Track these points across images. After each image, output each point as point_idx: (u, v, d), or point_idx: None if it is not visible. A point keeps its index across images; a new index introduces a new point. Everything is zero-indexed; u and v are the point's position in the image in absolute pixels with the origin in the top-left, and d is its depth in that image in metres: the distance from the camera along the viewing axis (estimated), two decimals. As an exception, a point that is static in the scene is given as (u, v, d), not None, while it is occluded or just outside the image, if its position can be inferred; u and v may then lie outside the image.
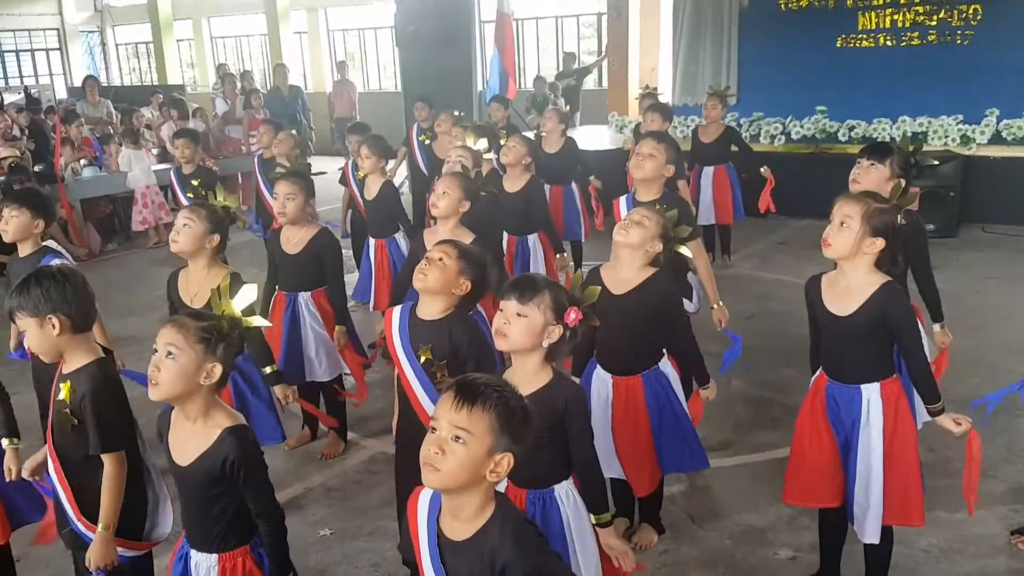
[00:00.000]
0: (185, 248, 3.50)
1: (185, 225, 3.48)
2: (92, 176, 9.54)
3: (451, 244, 2.96)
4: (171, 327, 2.25)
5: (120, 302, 7.38)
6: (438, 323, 2.90)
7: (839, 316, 2.86)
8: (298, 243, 4.22)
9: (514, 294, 2.41)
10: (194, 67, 20.76)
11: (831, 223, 2.86)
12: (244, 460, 2.24)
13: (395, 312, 3.02)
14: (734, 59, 10.42)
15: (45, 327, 2.54)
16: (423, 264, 2.88)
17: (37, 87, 17.90)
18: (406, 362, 2.92)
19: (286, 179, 4.21)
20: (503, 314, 2.42)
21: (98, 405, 2.53)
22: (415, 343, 2.92)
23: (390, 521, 3.80)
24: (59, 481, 2.65)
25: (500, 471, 1.79)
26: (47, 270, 2.71)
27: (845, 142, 9.35)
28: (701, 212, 7.19)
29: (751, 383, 5.02)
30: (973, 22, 9.07)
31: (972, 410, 3.26)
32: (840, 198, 2.90)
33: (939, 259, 7.52)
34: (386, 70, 17.71)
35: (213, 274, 3.43)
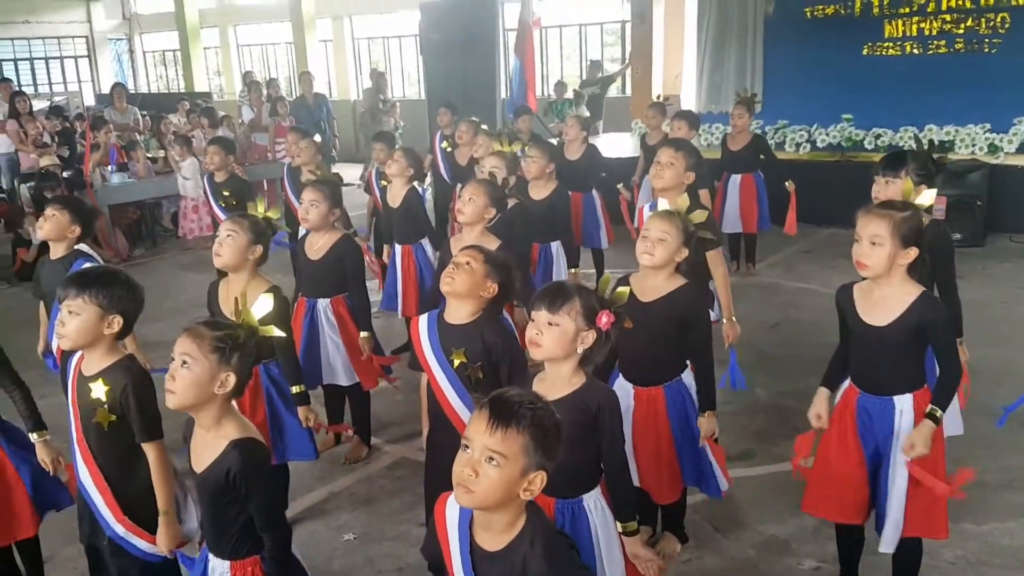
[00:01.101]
0: (228, 261, 3.49)
1: (228, 237, 3.47)
2: (120, 182, 9.66)
3: (476, 248, 2.99)
4: (186, 336, 2.28)
5: (147, 307, 7.40)
6: (468, 326, 2.92)
7: (875, 326, 2.83)
8: (320, 249, 4.26)
9: (544, 303, 2.41)
10: (220, 75, 20.98)
11: (859, 241, 2.82)
12: (246, 473, 2.23)
13: (422, 320, 3.03)
14: (759, 66, 10.39)
15: (103, 322, 2.65)
16: (450, 269, 2.91)
17: (65, 94, 18.21)
18: (437, 367, 2.93)
19: (311, 186, 4.26)
20: (535, 324, 2.43)
21: (140, 395, 2.64)
22: (446, 348, 2.93)
23: (413, 526, 3.82)
24: (96, 484, 2.69)
25: (534, 489, 1.80)
26: (120, 273, 2.79)
27: (871, 150, 9.29)
28: (727, 221, 7.18)
29: (774, 392, 5.00)
30: (1001, 30, 8.99)
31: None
32: (863, 215, 2.87)
33: (965, 269, 7.49)
34: (410, 77, 17.80)
35: (254, 286, 3.40)
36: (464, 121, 7.51)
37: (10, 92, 10.92)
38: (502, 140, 6.05)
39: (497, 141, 6.06)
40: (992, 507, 3.70)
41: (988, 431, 4.07)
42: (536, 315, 2.43)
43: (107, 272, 2.79)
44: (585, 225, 6.75)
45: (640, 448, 3.23)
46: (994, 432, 4.10)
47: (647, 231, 3.12)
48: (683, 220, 3.14)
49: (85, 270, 2.76)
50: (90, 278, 2.70)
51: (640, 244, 3.12)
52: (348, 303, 4.29)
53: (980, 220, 8.26)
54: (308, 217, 4.18)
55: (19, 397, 3.08)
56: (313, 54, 17.50)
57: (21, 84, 14.84)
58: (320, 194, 4.19)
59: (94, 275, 2.73)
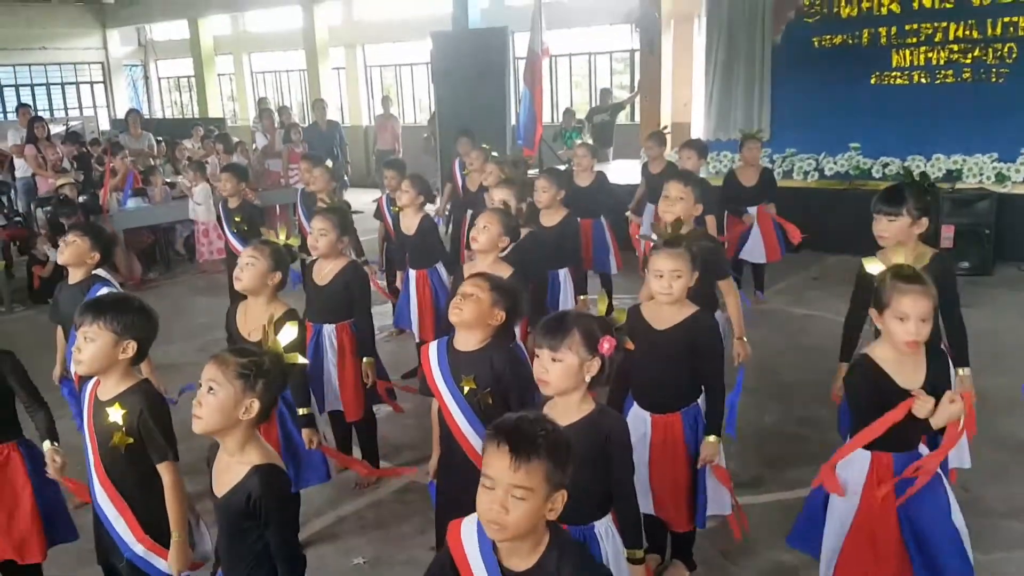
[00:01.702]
0: (248, 286, 3.59)
1: (249, 264, 3.57)
2: (135, 207, 9.77)
3: (482, 277, 3.03)
4: (213, 363, 2.33)
5: (160, 330, 7.48)
6: (478, 353, 2.97)
7: (908, 389, 2.71)
8: (327, 275, 4.31)
9: (545, 341, 2.47)
10: (235, 100, 21.21)
11: (898, 326, 2.70)
12: (267, 499, 2.26)
13: (432, 347, 3.07)
14: (767, 96, 10.47)
15: (118, 347, 2.71)
16: (457, 300, 2.96)
17: (81, 119, 18.42)
18: (448, 394, 2.97)
19: (321, 215, 4.33)
20: (540, 362, 2.48)
21: (158, 417, 2.71)
22: (456, 374, 2.98)
23: (423, 551, 3.84)
24: (116, 506, 2.74)
25: (557, 507, 1.85)
26: (134, 300, 2.86)
27: (879, 179, 9.34)
28: (751, 250, 7.20)
29: (784, 419, 5.01)
30: (1008, 60, 9.05)
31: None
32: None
33: (974, 298, 7.50)
34: (421, 103, 17.98)
35: (272, 311, 3.47)
36: (475, 149, 7.62)
37: (29, 117, 11.06)
38: (503, 168, 6.13)
39: (500, 168, 6.15)
40: (1000, 536, 3.71)
41: (997, 460, 4.08)
42: (540, 352, 2.48)
43: (121, 299, 2.86)
44: (595, 250, 6.82)
45: (657, 476, 3.25)
46: (1003, 461, 4.12)
47: (659, 270, 3.14)
48: (693, 252, 3.20)
49: (100, 297, 2.83)
50: (104, 305, 2.76)
51: (656, 283, 3.16)
52: (353, 329, 4.33)
53: (988, 249, 8.28)
54: (318, 246, 4.24)
55: (41, 418, 3.15)
56: (326, 81, 17.70)
57: (37, 109, 15.01)
58: (329, 223, 4.24)
59: (108, 302, 2.80)
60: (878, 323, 2.79)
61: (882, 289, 2.75)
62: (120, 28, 22.40)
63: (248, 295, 3.64)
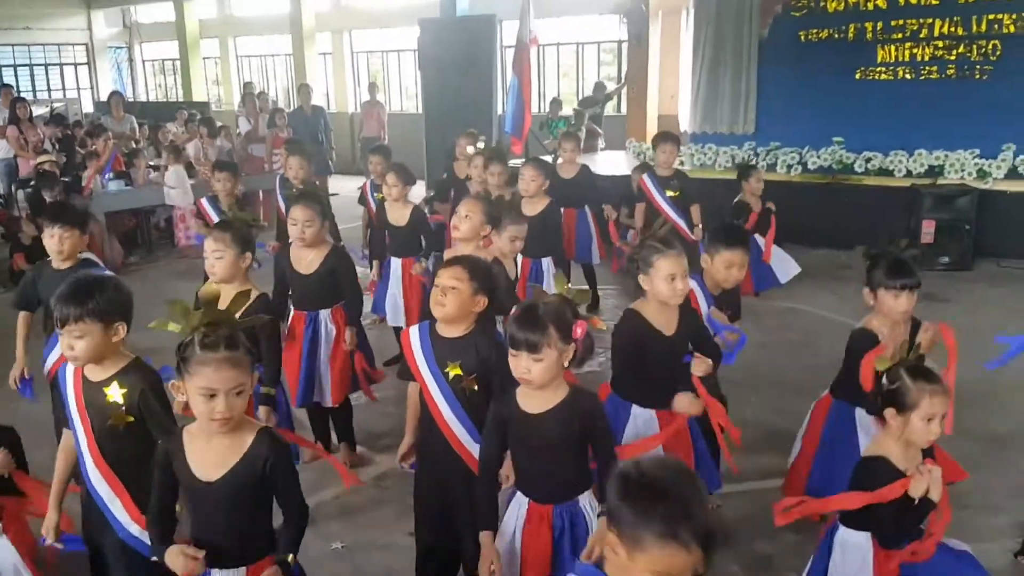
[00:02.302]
0: (225, 276, 3.62)
1: (219, 257, 3.57)
2: (117, 190, 9.71)
3: (459, 266, 3.00)
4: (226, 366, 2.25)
5: (141, 314, 7.44)
6: (463, 340, 2.98)
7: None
8: (311, 263, 4.29)
9: (524, 346, 2.49)
10: (219, 85, 21.06)
11: (924, 426, 2.67)
12: (282, 457, 2.36)
13: (413, 332, 3.08)
14: (753, 89, 10.50)
15: (109, 333, 2.70)
16: (438, 294, 2.95)
17: (64, 101, 18.25)
18: (431, 379, 2.98)
19: (303, 205, 4.21)
20: (519, 362, 2.51)
21: (159, 394, 2.74)
22: (440, 360, 2.98)
23: (401, 536, 3.86)
24: (112, 486, 2.73)
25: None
26: (101, 279, 2.84)
27: (861, 173, 9.40)
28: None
29: (761, 410, 5.05)
30: (992, 57, 9.12)
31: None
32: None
33: (953, 292, 7.59)
34: (408, 91, 17.91)
35: (247, 287, 3.53)
36: (463, 135, 7.59)
37: (11, 98, 10.96)
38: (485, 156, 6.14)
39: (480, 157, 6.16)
40: (973, 529, 3.75)
41: (970, 453, 4.13)
42: (517, 354, 2.51)
43: (96, 285, 2.75)
44: (578, 241, 6.84)
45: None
46: (976, 454, 4.17)
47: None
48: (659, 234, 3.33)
49: (72, 290, 2.68)
50: (82, 297, 2.66)
51: (670, 290, 3.21)
52: (345, 309, 4.36)
53: (969, 244, 8.36)
54: (305, 236, 4.19)
55: None
56: (312, 66, 17.60)
57: (20, 90, 14.88)
58: (313, 212, 4.18)
59: (84, 292, 2.69)
60: (893, 420, 2.70)
61: (905, 391, 2.66)
62: (105, 9, 22.16)
63: (224, 283, 3.62)
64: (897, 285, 3.36)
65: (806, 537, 3.57)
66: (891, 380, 2.72)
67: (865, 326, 3.45)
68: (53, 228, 3.91)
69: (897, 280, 3.36)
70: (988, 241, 8.49)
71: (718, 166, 10.20)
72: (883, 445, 2.76)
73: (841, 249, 8.95)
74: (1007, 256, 8.45)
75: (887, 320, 3.40)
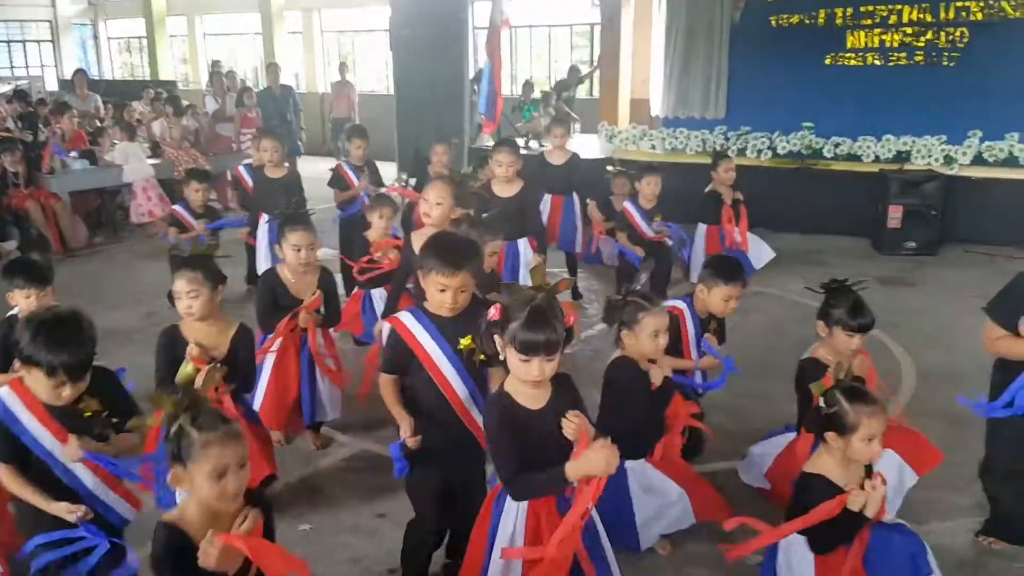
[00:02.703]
0: (203, 314, 3.52)
1: (195, 296, 3.49)
2: (82, 169, 9.54)
3: (466, 272, 2.91)
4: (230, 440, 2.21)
5: (107, 295, 7.40)
6: (465, 314, 2.94)
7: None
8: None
9: (541, 350, 2.44)
10: (187, 63, 20.75)
11: (865, 447, 2.75)
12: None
13: (405, 317, 2.99)
14: (724, 73, 10.53)
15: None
16: (452, 298, 2.89)
17: (28, 79, 17.89)
18: (443, 359, 2.91)
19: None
20: (531, 367, 2.46)
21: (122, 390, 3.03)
22: (450, 338, 2.92)
23: (370, 517, 3.85)
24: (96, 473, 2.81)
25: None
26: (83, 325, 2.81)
27: (830, 158, 9.47)
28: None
29: (729, 393, 5.06)
30: (960, 44, 9.21)
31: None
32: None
33: (919, 277, 7.68)
34: (379, 72, 17.76)
35: (222, 326, 3.58)
36: (440, 143, 7.62)
37: (-30, 75, 10.72)
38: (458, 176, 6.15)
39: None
40: (934, 507, 3.82)
41: (935, 433, 4.18)
42: (531, 358, 2.45)
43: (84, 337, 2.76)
44: (562, 228, 6.85)
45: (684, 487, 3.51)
46: (941, 434, 4.22)
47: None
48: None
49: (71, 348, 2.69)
50: (82, 357, 2.72)
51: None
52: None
53: (935, 230, 8.46)
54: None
55: None
56: (281, 46, 17.39)
57: (-19, 67, 14.59)
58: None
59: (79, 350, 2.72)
60: (834, 443, 2.77)
61: (844, 414, 2.75)
62: (69, -15, 21.77)
63: (201, 321, 3.56)
64: (855, 327, 3.51)
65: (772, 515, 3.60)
66: (829, 404, 2.80)
67: (812, 355, 3.59)
68: (29, 290, 3.79)
69: (856, 321, 3.51)
70: (954, 226, 8.60)
71: (689, 150, 10.22)
72: (822, 463, 2.85)
73: (809, 234, 9.03)
74: (972, 241, 8.57)
75: (833, 351, 3.53)
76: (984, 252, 8.35)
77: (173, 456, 2.19)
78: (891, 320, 6.17)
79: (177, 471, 2.19)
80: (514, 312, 2.48)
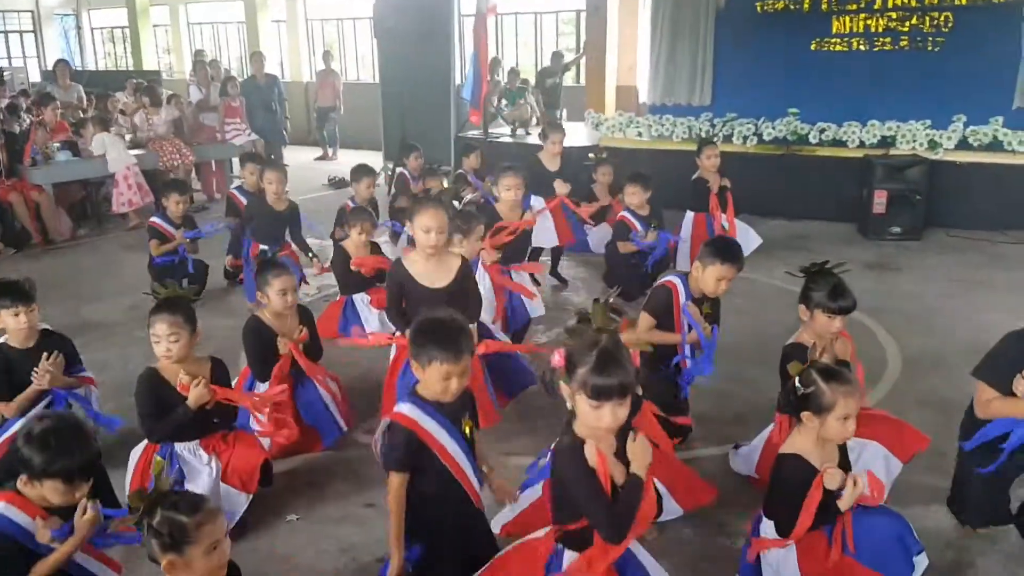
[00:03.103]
0: (183, 356, 3.57)
1: (175, 340, 3.53)
2: (65, 160, 9.47)
3: (468, 354, 2.81)
4: (215, 516, 2.33)
5: (90, 288, 7.36)
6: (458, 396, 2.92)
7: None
8: (291, 328, 4.39)
9: (615, 394, 2.34)
10: (170, 53, 20.58)
11: (840, 426, 2.83)
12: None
13: (413, 412, 2.83)
14: (710, 59, 10.53)
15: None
16: (458, 385, 2.79)
17: (10, 70, 17.70)
18: (453, 446, 2.84)
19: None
20: (603, 413, 2.37)
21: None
22: (454, 422, 2.85)
23: (358, 507, 3.85)
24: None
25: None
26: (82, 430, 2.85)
27: (815, 144, 9.49)
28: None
29: (716, 377, 5.09)
30: (944, 29, 9.23)
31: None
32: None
33: (903, 261, 7.71)
34: (364, 60, 17.66)
35: (197, 367, 3.64)
36: (413, 151, 7.68)
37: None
38: (443, 181, 6.22)
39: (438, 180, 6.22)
40: (918, 490, 3.84)
41: (921, 417, 4.21)
42: (603, 404, 2.36)
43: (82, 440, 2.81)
44: (572, 229, 6.92)
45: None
46: (926, 418, 4.26)
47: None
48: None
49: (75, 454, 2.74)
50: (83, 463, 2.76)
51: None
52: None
53: (919, 214, 8.49)
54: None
55: None
56: (266, 34, 17.28)
57: (-38, 58, 14.43)
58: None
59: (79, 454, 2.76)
60: (810, 422, 2.83)
61: (820, 393, 2.80)
62: (50, -26, 21.55)
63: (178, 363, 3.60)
64: (835, 308, 3.55)
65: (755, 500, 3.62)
66: (805, 384, 2.84)
67: (796, 341, 3.64)
68: (17, 307, 3.94)
69: (836, 304, 3.55)
70: (938, 211, 8.63)
71: (675, 137, 10.22)
72: (797, 443, 2.89)
73: (794, 220, 9.05)
74: (956, 226, 8.61)
75: (815, 335, 3.60)
76: (967, 236, 8.39)
77: (165, 547, 2.25)
78: (876, 305, 6.20)
79: (172, 560, 2.26)
80: (580, 357, 2.37)
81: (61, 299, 6.75)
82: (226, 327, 5.86)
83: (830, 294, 3.55)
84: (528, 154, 8.08)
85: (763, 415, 4.11)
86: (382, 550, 3.43)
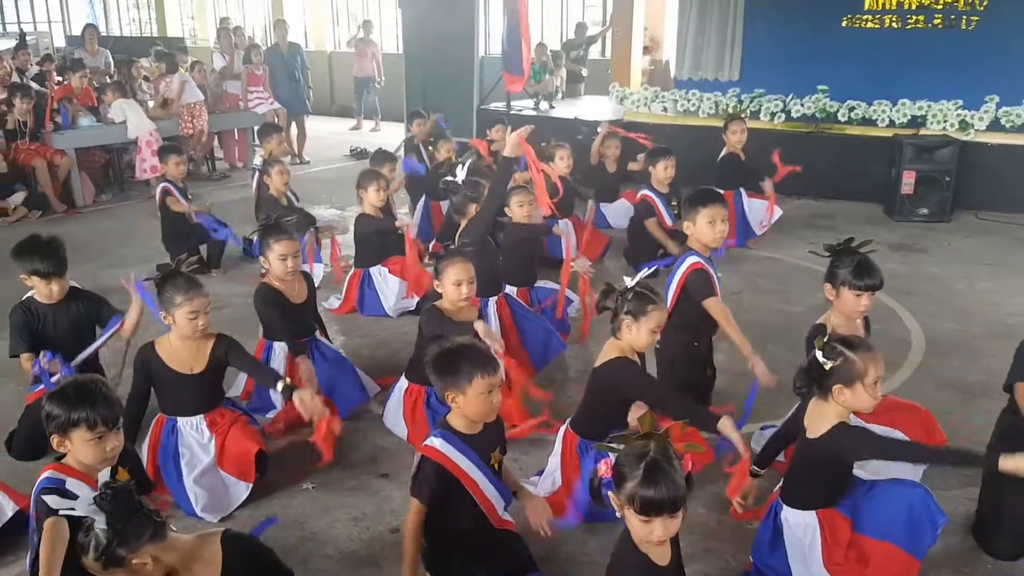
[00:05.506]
0: (210, 327, 3.71)
1: (207, 313, 3.67)
2: (88, 126, 9.49)
3: (498, 373, 2.90)
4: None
5: (113, 253, 7.39)
6: (486, 427, 2.99)
7: None
8: (300, 294, 4.48)
9: (666, 509, 2.21)
10: (194, 19, 20.55)
11: (870, 392, 2.83)
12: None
13: (442, 446, 2.87)
14: (739, 34, 10.35)
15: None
16: (499, 396, 2.88)
17: (35, 34, 17.73)
18: (483, 479, 2.91)
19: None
20: (653, 528, 2.24)
21: None
22: (485, 457, 2.93)
23: (372, 477, 3.85)
24: None
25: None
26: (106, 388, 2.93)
27: (844, 122, 9.33)
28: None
29: (732, 358, 5.04)
30: (979, 7, 9.01)
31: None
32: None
33: (931, 243, 7.60)
34: (387, 30, 17.54)
35: (201, 342, 3.70)
36: (417, 117, 7.70)
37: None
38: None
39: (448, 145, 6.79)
40: (940, 476, 3.79)
41: (943, 402, 4.16)
42: (652, 520, 2.22)
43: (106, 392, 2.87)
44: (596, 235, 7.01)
45: None
46: (948, 402, 4.20)
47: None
48: None
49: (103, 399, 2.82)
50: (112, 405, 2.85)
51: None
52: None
53: (948, 196, 8.34)
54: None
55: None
56: (289, 2, 17.18)
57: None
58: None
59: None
60: (841, 395, 2.83)
61: (850, 363, 2.79)
62: (76, -61, 21.52)
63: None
64: (862, 286, 3.49)
65: (773, 481, 3.59)
66: (831, 357, 2.82)
67: (823, 322, 3.57)
68: (50, 279, 4.04)
69: (863, 281, 3.49)
70: (968, 193, 8.47)
71: (702, 112, 10.09)
72: (831, 419, 2.89)
73: (820, 199, 8.93)
74: (986, 208, 8.46)
75: (843, 317, 3.55)
76: (997, 219, 8.25)
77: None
78: (902, 287, 6.11)
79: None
80: (628, 469, 2.23)
81: (79, 262, 6.75)
82: (242, 294, 5.87)
83: (856, 271, 3.49)
84: (550, 126, 7.99)
85: (786, 394, 4.06)
86: (395, 520, 3.44)
